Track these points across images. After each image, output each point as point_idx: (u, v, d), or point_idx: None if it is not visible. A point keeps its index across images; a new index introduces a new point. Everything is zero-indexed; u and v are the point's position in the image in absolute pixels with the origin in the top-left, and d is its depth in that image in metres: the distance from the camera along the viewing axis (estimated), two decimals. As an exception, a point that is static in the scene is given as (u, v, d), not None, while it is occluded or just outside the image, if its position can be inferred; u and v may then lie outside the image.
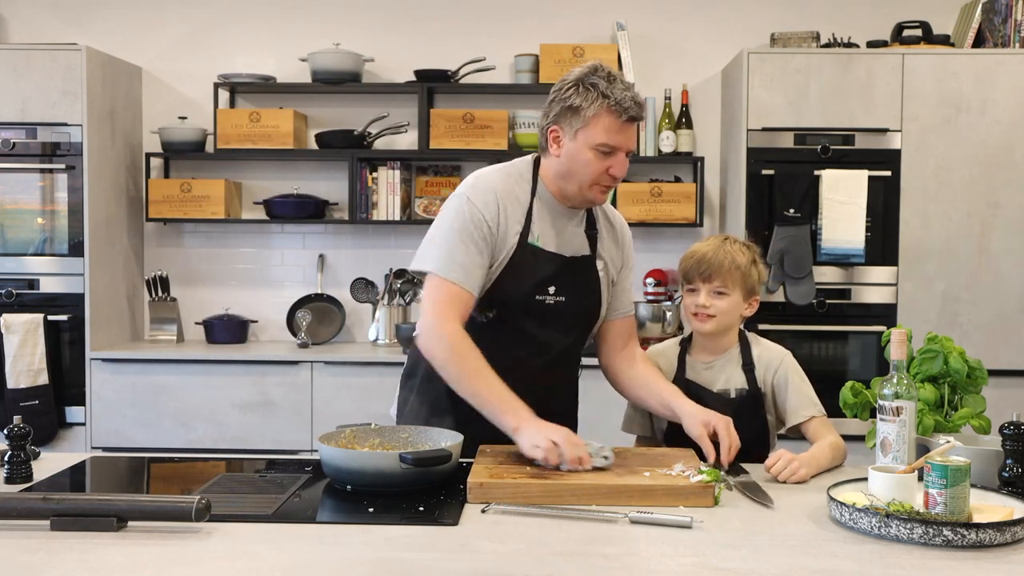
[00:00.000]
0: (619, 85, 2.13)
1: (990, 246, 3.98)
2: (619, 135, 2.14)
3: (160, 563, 1.52)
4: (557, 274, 2.21)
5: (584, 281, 2.26)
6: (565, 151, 2.16)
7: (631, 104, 2.12)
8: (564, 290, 2.22)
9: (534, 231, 2.20)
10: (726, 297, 2.30)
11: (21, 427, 1.98)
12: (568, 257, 2.24)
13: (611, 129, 2.12)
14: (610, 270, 2.32)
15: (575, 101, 2.13)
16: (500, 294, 2.18)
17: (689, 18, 4.53)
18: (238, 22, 4.60)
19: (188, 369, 4.11)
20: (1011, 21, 4.06)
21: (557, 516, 1.76)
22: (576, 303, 2.24)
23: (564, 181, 2.20)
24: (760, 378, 2.31)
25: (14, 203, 4.15)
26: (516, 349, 2.20)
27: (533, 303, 2.19)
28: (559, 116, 2.16)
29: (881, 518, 1.64)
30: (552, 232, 2.23)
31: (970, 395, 2.15)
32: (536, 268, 2.19)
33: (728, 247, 2.32)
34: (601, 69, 2.15)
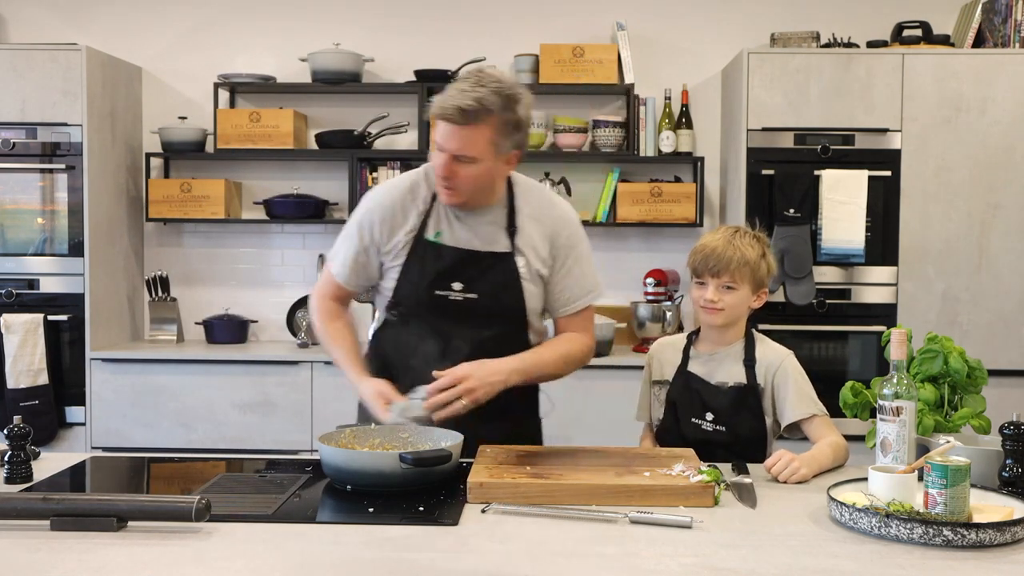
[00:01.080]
0: (454, 89, 2.13)
1: (990, 246, 3.98)
2: (441, 136, 2.15)
3: (160, 563, 1.52)
4: (460, 269, 2.23)
5: (500, 277, 2.24)
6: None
7: (448, 104, 2.10)
8: (473, 286, 2.23)
9: (432, 228, 2.26)
10: (735, 291, 2.30)
11: (21, 427, 1.98)
12: (475, 251, 2.24)
13: (436, 128, 2.17)
14: (535, 266, 2.26)
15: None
16: (402, 291, 2.26)
17: (689, 18, 4.53)
18: (238, 22, 4.60)
19: (188, 369, 4.11)
20: (1011, 21, 4.06)
21: (557, 516, 1.76)
22: (491, 299, 2.24)
23: None
24: (760, 375, 2.31)
25: (14, 203, 4.15)
26: (427, 345, 2.24)
27: (434, 299, 2.23)
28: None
29: (881, 518, 1.64)
30: (460, 229, 2.26)
31: (970, 395, 2.15)
32: (434, 264, 2.24)
33: (738, 241, 2.31)
34: (473, 73, 2.19)
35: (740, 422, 2.28)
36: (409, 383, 2.15)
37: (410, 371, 2.21)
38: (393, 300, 2.29)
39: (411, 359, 2.24)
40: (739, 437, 2.28)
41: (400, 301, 2.27)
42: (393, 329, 2.31)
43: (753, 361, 2.32)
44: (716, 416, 2.29)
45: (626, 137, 4.37)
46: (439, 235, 2.26)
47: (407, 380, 2.18)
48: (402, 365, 2.26)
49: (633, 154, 4.37)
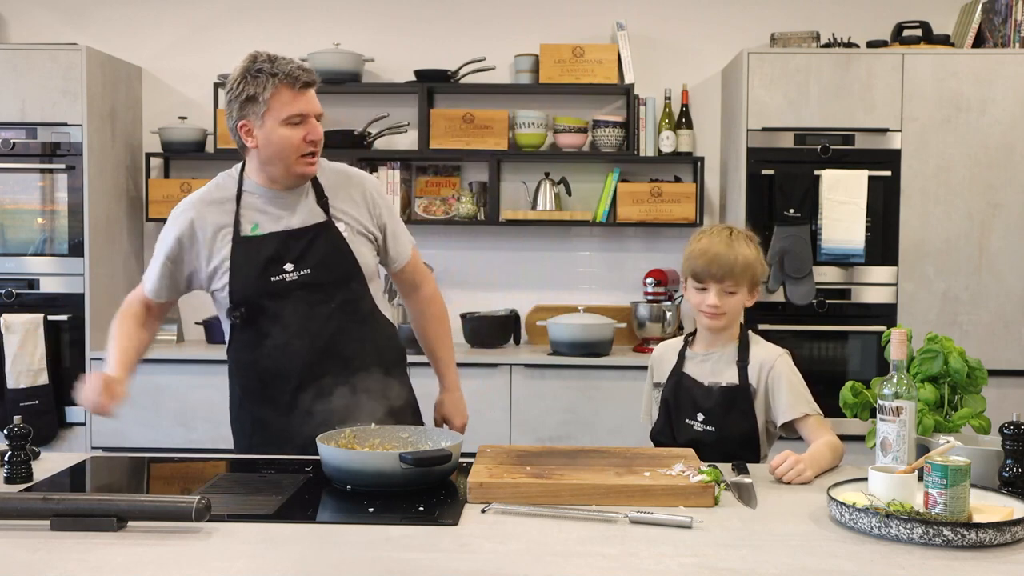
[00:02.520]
0: (282, 62, 2.25)
1: (990, 246, 3.98)
2: (301, 102, 2.25)
3: (160, 563, 1.52)
4: (285, 251, 2.28)
5: (327, 246, 2.31)
6: (260, 139, 2.26)
7: (300, 72, 2.25)
8: (305, 262, 2.29)
9: (246, 225, 2.30)
10: (735, 295, 2.31)
11: (21, 427, 1.98)
12: (296, 230, 2.30)
13: (291, 100, 2.23)
14: (359, 227, 2.36)
15: (250, 90, 2.24)
16: (238, 290, 2.29)
17: (689, 18, 4.53)
18: (238, 22, 4.59)
19: (188, 369, 4.11)
20: (1011, 21, 4.06)
21: (557, 516, 1.76)
22: (324, 269, 2.30)
23: (270, 166, 2.29)
24: (752, 376, 2.30)
25: (14, 203, 4.15)
26: (281, 333, 2.28)
27: (271, 286, 2.27)
28: (242, 111, 2.26)
29: (881, 518, 1.64)
30: (271, 218, 2.31)
31: (970, 395, 2.15)
32: (258, 254, 2.28)
33: (737, 245, 2.31)
34: (261, 55, 2.28)
35: (730, 422, 2.28)
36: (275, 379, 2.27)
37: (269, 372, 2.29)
38: (232, 302, 2.30)
39: (265, 358, 2.29)
40: (729, 437, 2.27)
41: (239, 301, 2.29)
42: (242, 333, 2.34)
43: (746, 362, 2.32)
44: (706, 416, 2.29)
45: (626, 137, 4.37)
46: (256, 228, 2.31)
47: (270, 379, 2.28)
48: (259, 367, 2.31)
49: (633, 154, 4.37)
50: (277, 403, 2.30)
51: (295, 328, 2.27)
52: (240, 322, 2.30)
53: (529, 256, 4.57)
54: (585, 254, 4.57)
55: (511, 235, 4.53)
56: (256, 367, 2.32)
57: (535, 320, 4.40)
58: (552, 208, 4.37)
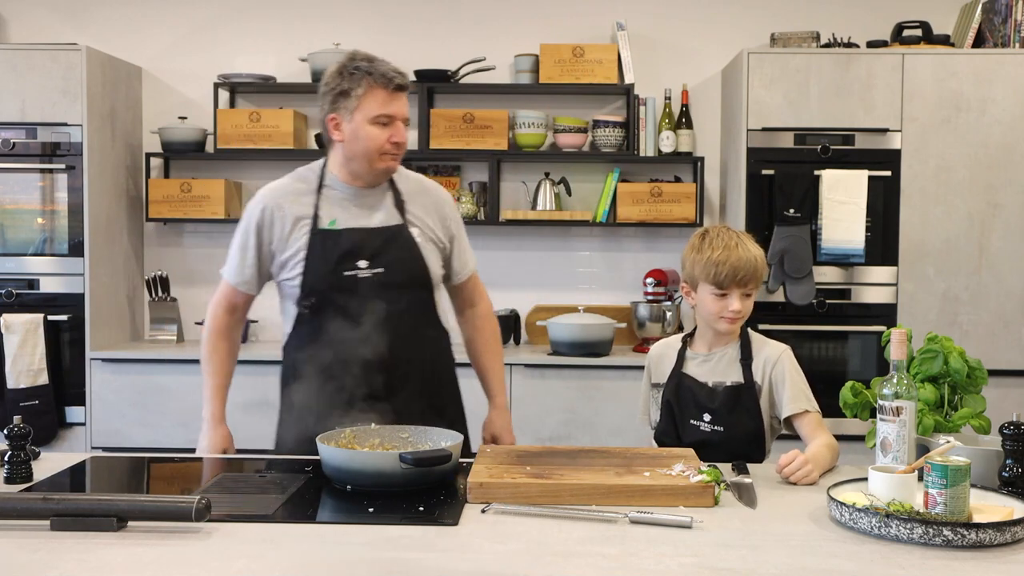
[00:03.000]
0: (379, 63, 2.32)
1: (990, 246, 3.98)
2: (391, 104, 2.31)
3: (160, 563, 1.52)
4: (361, 247, 2.33)
5: (400, 248, 2.37)
6: (347, 134, 2.33)
7: (395, 74, 2.31)
8: (379, 260, 2.34)
9: (325, 218, 2.36)
10: (751, 297, 2.32)
11: (21, 427, 1.98)
12: (374, 228, 2.36)
13: (382, 100, 2.30)
14: (431, 236, 2.44)
15: (344, 86, 2.31)
16: (311, 280, 2.33)
17: (689, 18, 4.53)
18: (238, 22, 4.60)
19: (188, 369, 4.11)
20: (1011, 21, 4.06)
21: (557, 516, 1.76)
22: (396, 270, 2.35)
23: (353, 162, 2.35)
24: (757, 373, 2.30)
25: (14, 203, 4.15)
26: (348, 326, 2.31)
27: (344, 280, 2.32)
28: (333, 104, 2.34)
29: (881, 518, 1.64)
30: (349, 213, 2.37)
31: (970, 395, 2.15)
32: (335, 247, 2.33)
33: (748, 246, 2.31)
34: (359, 54, 2.34)
35: (737, 421, 2.28)
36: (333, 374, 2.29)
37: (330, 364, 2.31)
38: (302, 292, 2.34)
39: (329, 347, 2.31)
40: (737, 436, 2.27)
41: (310, 291, 2.33)
42: (306, 324, 2.36)
43: (750, 360, 2.32)
44: (713, 417, 2.29)
45: (626, 137, 4.37)
46: (334, 222, 2.36)
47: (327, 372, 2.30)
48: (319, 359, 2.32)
49: (633, 154, 4.37)
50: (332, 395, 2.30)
51: (361, 324, 2.31)
52: (308, 313, 2.34)
53: (529, 256, 4.57)
54: (585, 254, 4.57)
55: (511, 235, 4.53)
56: (317, 358, 2.34)
57: (535, 320, 4.40)
58: (552, 208, 4.37)
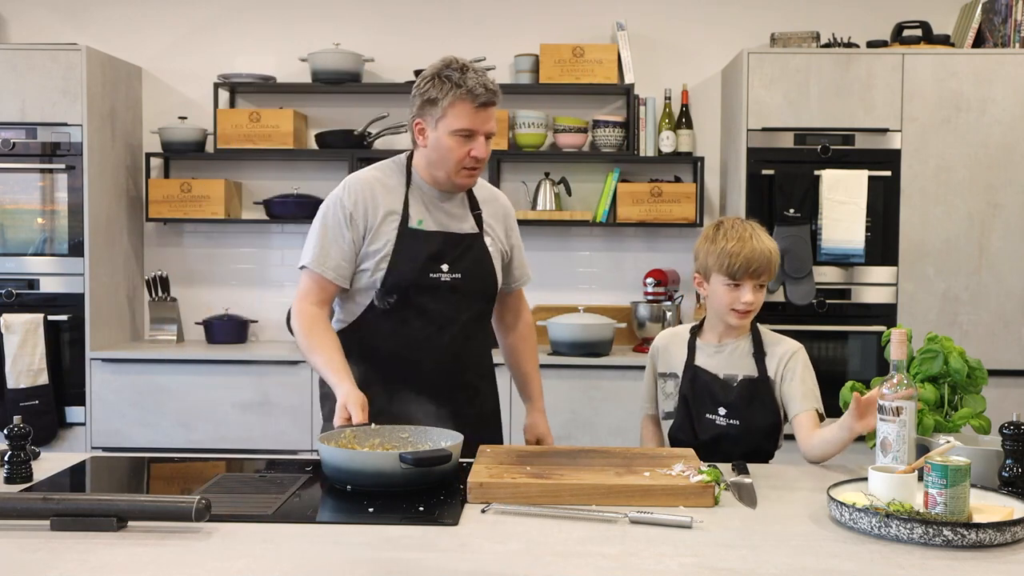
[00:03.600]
0: (471, 74, 2.28)
1: (990, 246, 3.98)
2: (475, 119, 2.28)
3: (160, 563, 1.52)
4: (446, 251, 2.35)
5: (476, 257, 2.40)
6: (430, 141, 2.32)
7: (482, 90, 2.27)
8: (457, 267, 2.35)
9: (413, 216, 2.35)
10: (763, 288, 2.32)
11: (21, 427, 1.98)
12: (456, 234, 2.38)
13: (467, 115, 2.27)
14: (499, 245, 2.47)
15: (432, 94, 2.28)
16: (395, 278, 2.32)
17: (689, 18, 4.53)
18: (238, 22, 4.60)
19: (188, 369, 4.11)
20: (1011, 21, 4.06)
21: (557, 516, 1.76)
22: (471, 278, 2.37)
23: (434, 169, 2.35)
24: (772, 367, 2.30)
25: (14, 203, 4.15)
26: (422, 327, 2.33)
27: (428, 281, 2.32)
28: (421, 110, 2.32)
29: (881, 518, 1.64)
30: (434, 215, 2.38)
31: (970, 395, 2.15)
32: (424, 248, 2.33)
33: (760, 237, 2.31)
34: (455, 62, 2.30)
35: (753, 414, 2.28)
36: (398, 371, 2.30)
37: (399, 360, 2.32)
38: (384, 289, 2.32)
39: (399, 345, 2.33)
40: (753, 430, 2.27)
41: (393, 288, 2.32)
42: (380, 319, 2.35)
43: (763, 354, 2.31)
44: (729, 410, 2.28)
45: (626, 137, 4.37)
46: (421, 223, 2.36)
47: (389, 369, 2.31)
48: (387, 354, 2.33)
49: (633, 154, 4.37)
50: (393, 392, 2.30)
51: (437, 325, 2.33)
52: (385, 308, 2.33)
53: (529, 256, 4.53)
54: (585, 254, 4.57)
55: (511, 235, 4.53)
56: (384, 353, 2.34)
57: (535, 320, 4.39)
58: (552, 208, 4.37)
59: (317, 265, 2.32)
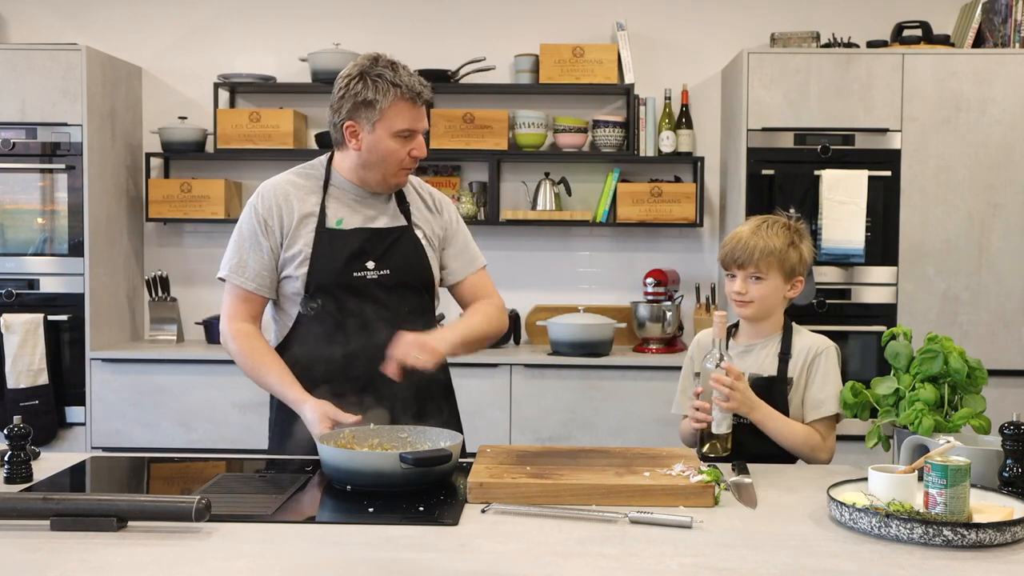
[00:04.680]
0: (403, 72, 2.24)
1: (990, 246, 3.98)
2: (416, 118, 2.26)
3: (160, 563, 1.52)
4: (370, 248, 2.29)
5: (405, 250, 2.34)
6: (365, 144, 2.26)
7: (420, 88, 2.24)
8: (385, 262, 2.30)
9: (332, 216, 2.30)
10: (763, 282, 2.30)
11: (21, 427, 1.98)
12: (380, 229, 2.32)
13: (407, 114, 2.23)
14: (432, 238, 2.40)
15: (367, 95, 2.22)
16: (318, 279, 2.27)
17: (689, 18, 4.53)
18: (238, 22, 4.60)
19: (188, 369, 4.11)
20: (1011, 21, 4.06)
21: (557, 516, 1.76)
22: (402, 272, 2.32)
23: (366, 171, 2.30)
24: (794, 367, 2.29)
25: (14, 203, 4.15)
26: (354, 331, 2.27)
27: (352, 280, 2.27)
28: (353, 112, 2.25)
29: (881, 518, 1.64)
30: (358, 214, 2.33)
31: (970, 395, 2.15)
32: (343, 247, 2.28)
33: (764, 231, 2.30)
34: (382, 59, 2.26)
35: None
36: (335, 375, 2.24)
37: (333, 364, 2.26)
38: (308, 294, 2.28)
39: (335, 350, 2.26)
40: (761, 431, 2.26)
41: (317, 292, 2.27)
42: (309, 324, 2.29)
43: (788, 353, 2.31)
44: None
45: (626, 137, 4.37)
46: (340, 222, 2.31)
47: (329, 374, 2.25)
48: (324, 360, 2.27)
49: (633, 154, 4.37)
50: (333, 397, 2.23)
51: (369, 326, 2.27)
52: (312, 313, 2.28)
53: (529, 256, 4.57)
54: (585, 254, 4.57)
55: (511, 235, 4.53)
56: (322, 361, 2.28)
57: (535, 320, 4.40)
58: (552, 208, 4.37)
59: (236, 276, 2.31)
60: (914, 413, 2.04)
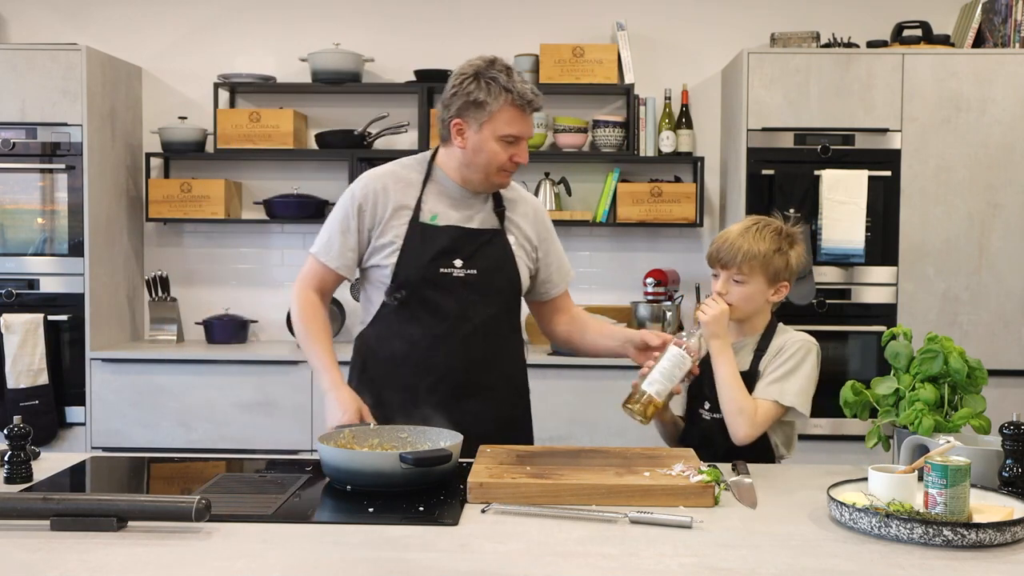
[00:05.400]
0: (516, 78, 2.28)
1: (990, 246, 3.98)
2: (523, 125, 2.29)
3: (160, 563, 1.52)
4: (459, 246, 2.31)
5: (495, 253, 2.35)
6: (470, 143, 2.30)
7: (532, 96, 2.29)
8: (473, 262, 2.32)
9: (427, 211, 2.34)
10: (745, 285, 2.28)
11: (21, 427, 1.98)
12: (472, 229, 2.34)
13: (515, 120, 2.27)
14: (525, 245, 2.43)
15: (479, 95, 2.26)
16: (404, 272, 2.30)
17: (689, 18, 4.53)
18: (238, 22, 4.60)
19: (188, 369, 4.11)
20: (1011, 21, 4.06)
21: (557, 516, 1.76)
22: (489, 274, 2.33)
23: (469, 170, 2.32)
24: (766, 361, 2.27)
25: (14, 203, 4.15)
26: (432, 325, 2.30)
27: (438, 276, 2.29)
28: (462, 110, 2.28)
29: (881, 518, 1.64)
30: (454, 212, 2.35)
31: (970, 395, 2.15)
32: (433, 242, 2.31)
33: (752, 234, 2.29)
34: (498, 62, 2.30)
35: None
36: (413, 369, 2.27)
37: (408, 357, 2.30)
38: (394, 284, 2.31)
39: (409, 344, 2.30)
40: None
41: (402, 283, 2.30)
42: (391, 315, 2.32)
43: (764, 352, 2.30)
44: (712, 404, 2.29)
45: (626, 137, 4.37)
46: (435, 218, 2.33)
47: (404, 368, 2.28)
48: (398, 350, 2.31)
49: (633, 154, 4.37)
50: (407, 391, 2.28)
51: (450, 322, 2.30)
52: (396, 304, 2.31)
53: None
54: (585, 254, 4.57)
55: (511, 235, 4.52)
56: (399, 352, 2.32)
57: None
58: (552, 208, 4.37)
59: (322, 253, 2.36)
60: (914, 413, 2.04)
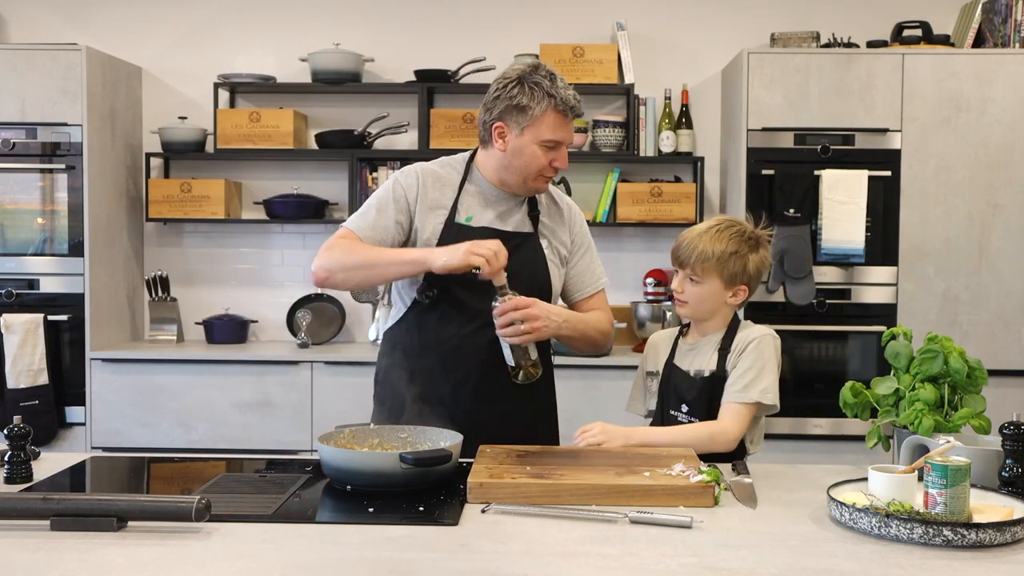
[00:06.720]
0: (560, 83, 2.29)
1: (990, 246, 3.98)
2: (565, 130, 2.30)
3: (160, 563, 1.52)
4: None
5: (526, 256, 2.36)
6: (511, 146, 2.30)
7: (574, 103, 2.29)
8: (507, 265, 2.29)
9: (463, 212, 2.34)
10: (699, 285, 2.29)
11: (21, 427, 1.98)
12: (505, 231, 2.34)
13: (557, 126, 2.27)
14: (558, 249, 2.43)
15: (522, 100, 2.26)
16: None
17: (689, 18, 4.53)
18: (238, 22, 4.60)
19: (188, 369, 4.11)
20: (1011, 21, 4.06)
21: (557, 516, 1.76)
22: (520, 277, 2.31)
23: (508, 173, 2.33)
24: (731, 359, 2.27)
25: (14, 203, 4.15)
26: (463, 324, 2.31)
27: (469, 276, 2.26)
28: (505, 113, 2.29)
29: (881, 518, 1.64)
30: (489, 213, 2.36)
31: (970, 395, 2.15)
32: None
33: (711, 235, 2.28)
34: (543, 67, 2.31)
35: (711, 412, 2.26)
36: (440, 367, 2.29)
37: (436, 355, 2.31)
38: (426, 282, 2.31)
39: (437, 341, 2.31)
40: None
41: (434, 281, 2.30)
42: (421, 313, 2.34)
43: (728, 349, 2.29)
44: (690, 408, 2.29)
45: (626, 137, 4.37)
46: (470, 219, 2.34)
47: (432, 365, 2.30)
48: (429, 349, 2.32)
49: (633, 154, 4.37)
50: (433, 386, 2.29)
51: (479, 322, 2.30)
52: (427, 302, 2.32)
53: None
54: (585, 254, 4.56)
55: (511, 235, 4.53)
56: (428, 350, 2.32)
57: (535, 320, 4.39)
58: (552, 208, 4.37)
59: (353, 222, 2.33)
60: (914, 413, 2.04)
